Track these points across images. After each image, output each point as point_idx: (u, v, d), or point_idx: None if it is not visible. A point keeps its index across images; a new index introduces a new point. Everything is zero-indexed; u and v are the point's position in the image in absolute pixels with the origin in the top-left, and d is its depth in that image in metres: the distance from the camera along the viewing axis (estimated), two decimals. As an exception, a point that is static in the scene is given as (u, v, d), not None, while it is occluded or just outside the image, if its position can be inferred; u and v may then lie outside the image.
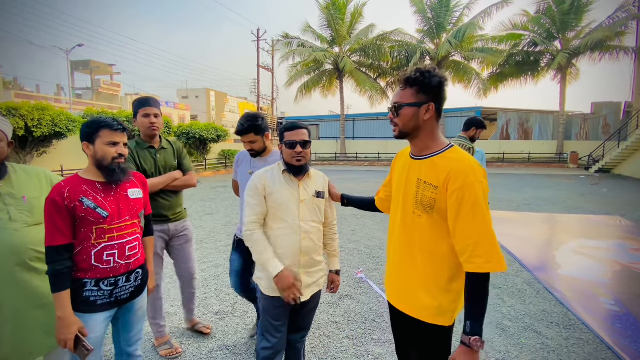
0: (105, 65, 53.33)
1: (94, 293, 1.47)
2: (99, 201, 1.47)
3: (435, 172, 1.25)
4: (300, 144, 1.68)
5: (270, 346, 1.73)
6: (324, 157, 25.90)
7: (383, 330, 2.72)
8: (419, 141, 1.33)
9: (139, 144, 2.29)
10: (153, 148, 2.32)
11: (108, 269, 1.48)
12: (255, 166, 2.21)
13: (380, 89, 24.09)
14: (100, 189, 1.50)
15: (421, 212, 1.28)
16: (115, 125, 1.49)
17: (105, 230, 1.47)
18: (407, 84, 1.28)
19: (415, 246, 1.32)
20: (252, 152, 2.21)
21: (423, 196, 1.27)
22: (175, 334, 2.66)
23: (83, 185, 1.47)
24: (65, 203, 1.40)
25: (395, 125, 1.34)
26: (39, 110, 10.14)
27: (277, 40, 26.01)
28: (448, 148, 1.30)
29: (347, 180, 13.98)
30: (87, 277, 1.45)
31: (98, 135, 1.48)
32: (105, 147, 1.48)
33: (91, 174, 1.51)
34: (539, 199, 9.06)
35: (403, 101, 1.29)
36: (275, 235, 1.70)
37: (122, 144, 1.52)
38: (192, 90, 60.02)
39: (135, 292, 1.61)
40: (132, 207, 1.59)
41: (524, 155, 22.53)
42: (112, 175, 1.50)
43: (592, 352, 2.45)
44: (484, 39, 22.20)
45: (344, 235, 5.54)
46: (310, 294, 1.77)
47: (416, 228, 1.31)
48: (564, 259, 4.44)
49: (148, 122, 2.24)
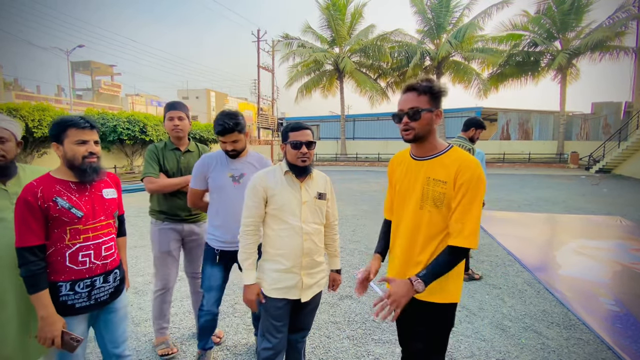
0: (105, 65, 53.40)
1: (71, 297, 1.44)
2: (73, 201, 1.44)
3: (444, 169, 1.38)
4: (305, 144, 1.68)
5: (271, 346, 1.73)
6: (324, 157, 25.92)
7: (383, 330, 2.73)
8: (427, 143, 1.44)
9: (166, 145, 2.39)
10: (178, 150, 2.39)
11: (83, 269, 1.46)
12: (235, 168, 2.14)
13: (380, 90, 24.10)
14: (74, 188, 1.47)
15: (431, 207, 1.40)
16: (82, 123, 1.45)
17: (80, 231, 1.45)
18: (422, 91, 1.38)
19: (424, 238, 1.43)
20: (233, 153, 2.11)
21: (433, 192, 1.39)
22: (176, 334, 2.66)
23: (56, 185, 1.44)
24: (39, 203, 1.37)
25: (412, 129, 1.40)
26: (39, 111, 10.17)
27: (277, 41, 26.04)
28: (450, 148, 1.43)
29: (348, 180, 13.98)
30: (62, 280, 1.42)
31: (66, 135, 1.44)
32: (74, 146, 1.44)
33: (63, 173, 1.48)
34: (539, 199, 9.06)
35: (422, 106, 1.38)
36: (277, 237, 1.71)
37: (92, 142, 1.47)
38: (192, 90, 60.08)
39: (114, 292, 1.60)
40: (107, 207, 1.57)
41: (524, 156, 22.52)
42: (84, 175, 1.47)
43: (593, 352, 2.45)
44: (484, 39, 22.22)
45: (344, 235, 5.54)
46: (311, 295, 1.78)
47: (425, 222, 1.42)
48: (564, 259, 4.44)
49: (172, 124, 2.34)
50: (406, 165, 1.53)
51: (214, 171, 2.13)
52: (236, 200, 2.10)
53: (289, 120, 31.98)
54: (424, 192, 1.42)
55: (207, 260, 2.18)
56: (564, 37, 20.31)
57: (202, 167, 2.13)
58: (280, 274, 1.71)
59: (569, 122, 23.13)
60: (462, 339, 2.61)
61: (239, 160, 2.17)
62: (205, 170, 2.13)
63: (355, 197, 9.61)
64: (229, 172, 2.13)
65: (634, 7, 18.23)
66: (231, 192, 2.12)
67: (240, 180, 2.14)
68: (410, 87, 1.41)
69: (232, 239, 2.11)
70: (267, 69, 30.08)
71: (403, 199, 1.52)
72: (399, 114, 1.42)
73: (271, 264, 1.73)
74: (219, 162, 2.15)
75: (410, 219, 1.46)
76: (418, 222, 1.44)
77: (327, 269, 1.92)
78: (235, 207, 2.10)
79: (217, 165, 2.14)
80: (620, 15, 18.58)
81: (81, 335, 1.48)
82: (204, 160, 2.15)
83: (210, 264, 2.16)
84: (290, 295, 1.72)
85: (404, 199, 1.51)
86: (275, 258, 1.71)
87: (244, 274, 1.70)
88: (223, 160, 2.15)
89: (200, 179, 2.15)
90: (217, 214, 2.14)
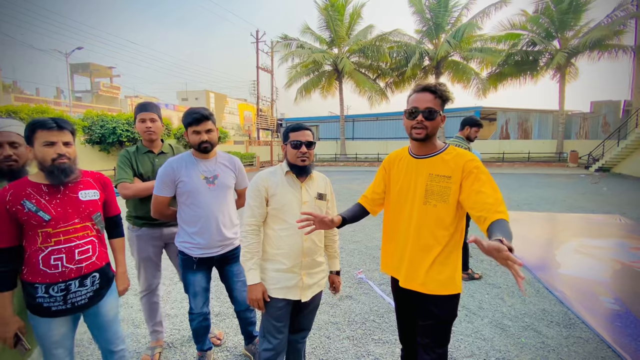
0: (104, 67, 53.36)
1: (46, 300, 1.44)
2: (41, 204, 1.43)
3: (447, 166, 1.45)
4: (305, 144, 1.70)
5: (272, 347, 1.73)
6: (323, 157, 25.91)
7: (383, 330, 2.73)
8: (430, 143, 1.52)
9: (138, 149, 2.29)
10: (152, 152, 2.31)
11: (56, 273, 1.44)
12: (206, 169, 2.05)
13: (379, 90, 24.09)
14: (45, 191, 1.46)
15: (436, 202, 1.46)
16: (49, 124, 1.43)
17: (50, 234, 1.43)
18: (439, 95, 1.46)
19: (430, 232, 1.48)
20: (206, 145, 1.99)
21: (439, 187, 1.46)
22: (175, 335, 2.66)
23: (28, 188, 1.44)
24: (7, 207, 1.38)
25: (424, 128, 1.46)
26: (38, 114, 10.18)
27: (276, 42, 26.02)
28: (447, 147, 1.52)
29: (347, 180, 13.98)
30: (38, 282, 1.43)
31: (35, 137, 1.44)
32: (42, 148, 1.43)
33: (38, 176, 1.48)
34: (539, 198, 9.07)
35: (436, 108, 1.45)
36: (277, 236, 1.72)
37: (60, 143, 1.45)
38: (191, 92, 60.06)
39: (94, 296, 1.56)
40: (82, 209, 1.53)
41: (523, 155, 22.52)
42: (53, 177, 1.45)
43: (592, 350, 2.46)
44: (483, 39, 22.20)
45: (344, 236, 5.54)
46: (311, 295, 1.78)
47: (430, 216, 1.48)
48: (564, 258, 4.45)
49: (144, 127, 2.25)
50: (405, 163, 1.58)
51: (184, 175, 1.99)
52: (213, 203, 2.03)
53: (288, 121, 31.99)
54: (427, 188, 1.48)
55: (186, 269, 2.08)
56: (563, 36, 20.32)
57: (170, 172, 1.98)
58: (281, 273, 1.71)
59: (568, 121, 23.14)
60: (462, 338, 2.61)
61: (210, 161, 2.09)
62: (173, 175, 1.98)
63: (355, 197, 9.61)
64: (201, 174, 2.03)
65: (632, 6, 18.23)
66: (207, 195, 2.02)
67: (214, 181, 2.05)
68: (427, 87, 1.47)
69: (212, 244, 2.05)
70: (266, 70, 30.09)
71: (404, 196, 1.56)
72: (415, 111, 1.45)
73: (271, 264, 1.73)
74: (188, 165, 2.02)
75: (414, 214, 1.51)
76: (423, 217, 1.49)
77: (327, 270, 1.92)
78: (213, 211, 2.03)
79: (187, 168, 2.00)
80: (619, 14, 18.58)
81: (65, 333, 1.52)
82: (172, 164, 2.00)
83: (191, 271, 2.07)
84: (290, 295, 1.72)
85: (405, 196, 1.56)
86: (276, 258, 1.72)
87: (248, 274, 1.69)
88: (192, 162, 2.03)
89: (167, 185, 1.99)
90: (192, 220, 2.02)
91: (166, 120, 16.08)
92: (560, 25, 19.90)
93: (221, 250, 2.10)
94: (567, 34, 20.29)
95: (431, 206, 1.47)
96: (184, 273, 2.10)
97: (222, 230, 2.07)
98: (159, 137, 2.34)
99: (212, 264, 2.15)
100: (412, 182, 1.54)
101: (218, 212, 2.06)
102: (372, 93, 23.77)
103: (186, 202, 2.03)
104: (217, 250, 2.09)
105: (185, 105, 54.59)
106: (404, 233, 1.56)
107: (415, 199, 1.51)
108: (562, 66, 20.04)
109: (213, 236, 2.05)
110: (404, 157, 1.62)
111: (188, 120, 1.97)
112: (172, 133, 16.75)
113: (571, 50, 19.46)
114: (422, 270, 1.50)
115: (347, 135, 27.50)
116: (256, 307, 1.71)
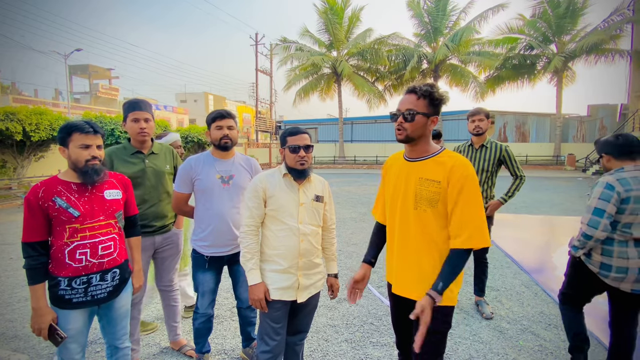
0: (103, 69, 53.35)
1: (68, 292, 1.53)
2: (71, 201, 1.52)
3: (437, 170, 1.41)
4: (303, 148, 1.72)
5: (269, 349, 1.73)
6: (322, 160, 25.94)
7: (381, 333, 2.73)
8: (419, 146, 1.47)
9: (126, 149, 2.13)
10: (141, 153, 2.15)
11: (80, 267, 1.53)
12: (223, 169, 2.07)
13: (378, 93, 24.17)
14: (75, 189, 1.56)
15: (426, 207, 1.41)
16: (86, 128, 1.54)
17: (77, 230, 1.52)
18: (422, 95, 1.40)
19: (421, 238, 1.44)
20: (227, 140, 2.03)
21: (427, 191, 1.41)
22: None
23: (59, 185, 1.53)
24: (39, 203, 1.47)
25: (404, 129, 1.43)
26: (37, 115, 10.15)
27: (276, 45, 26.13)
28: (442, 150, 1.47)
29: (346, 183, 14.00)
30: (61, 275, 1.51)
31: (71, 139, 1.53)
32: (77, 150, 1.53)
33: (69, 175, 1.58)
34: (536, 201, 9.10)
35: (418, 109, 1.40)
36: (275, 237, 1.73)
37: (94, 147, 1.57)
38: (190, 94, 60.05)
39: (113, 291, 1.65)
40: (107, 207, 1.63)
41: (521, 158, 22.60)
42: (86, 177, 1.55)
43: (590, 353, 2.46)
44: (481, 43, 22.34)
45: (342, 238, 5.54)
46: (307, 296, 1.79)
47: (420, 222, 1.43)
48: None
49: (138, 127, 2.07)
50: (399, 166, 1.55)
51: (201, 173, 2.04)
52: (226, 203, 2.06)
53: (287, 124, 31.99)
54: (417, 193, 1.43)
55: (197, 267, 2.11)
56: (560, 40, 20.48)
57: (189, 169, 2.04)
58: (277, 274, 1.72)
59: (566, 124, 23.27)
60: (460, 341, 2.61)
61: (227, 161, 2.12)
62: (191, 173, 2.04)
63: (353, 200, 9.62)
64: (217, 174, 2.06)
65: (628, 11, 18.42)
66: (220, 194, 2.05)
67: (229, 181, 2.07)
68: (410, 89, 1.45)
69: (223, 243, 2.07)
70: (266, 73, 30.17)
71: (396, 200, 1.52)
72: (396, 113, 1.45)
73: (268, 265, 1.74)
74: (206, 164, 2.07)
75: (405, 219, 1.47)
76: (414, 222, 1.44)
77: (324, 272, 1.93)
78: (225, 210, 2.05)
79: (204, 167, 2.06)
80: (615, 19, 18.76)
81: (80, 328, 1.58)
82: (190, 162, 2.06)
83: (202, 270, 2.10)
84: (286, 296, 1.73)
85: (396, 200, 1.52)
86: (273, 258, 1.73)
87: (249, 275, 1.70)
88: (209, 160, 2.09)
89: (185, 183, 2.05)
90: (205, 219, 2.07)
91: (165, 122, 16.07)
92: (557, 30, 20.07)
93: (232, 250, 2.13)
94: (564, 38, 20.45)
95: (421, 211, 1.42)
96: (194, 271, 2.14)
97: (233, 230, 2.09)
98: (150, 139, 2.19)
99: (222, 263, 2.16)
100: (403, 187, 1.49)
101: (231, 212, 2.08)
102: (371, 96, 23.85)
103: (201, 200, 2.09)
104: (227, 250, 2.11)
105: (184, 108, 54.63)
106: (395, 238, 1.52)
107: (406, 204, 1.46)
108: (559, 70, 20.18)
109: (224, 235, 2.07)
110: (398, 160, 1.59)
111: (212, 116, 2.05)
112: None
113: (568, 54, 19.60)
114: (413, 278, 1.45)
115: (345, 137, 27.57)
116: (258, 307, 1.71)
